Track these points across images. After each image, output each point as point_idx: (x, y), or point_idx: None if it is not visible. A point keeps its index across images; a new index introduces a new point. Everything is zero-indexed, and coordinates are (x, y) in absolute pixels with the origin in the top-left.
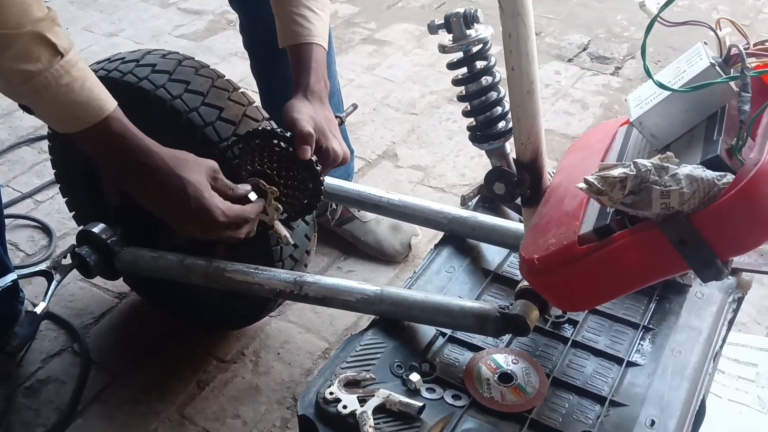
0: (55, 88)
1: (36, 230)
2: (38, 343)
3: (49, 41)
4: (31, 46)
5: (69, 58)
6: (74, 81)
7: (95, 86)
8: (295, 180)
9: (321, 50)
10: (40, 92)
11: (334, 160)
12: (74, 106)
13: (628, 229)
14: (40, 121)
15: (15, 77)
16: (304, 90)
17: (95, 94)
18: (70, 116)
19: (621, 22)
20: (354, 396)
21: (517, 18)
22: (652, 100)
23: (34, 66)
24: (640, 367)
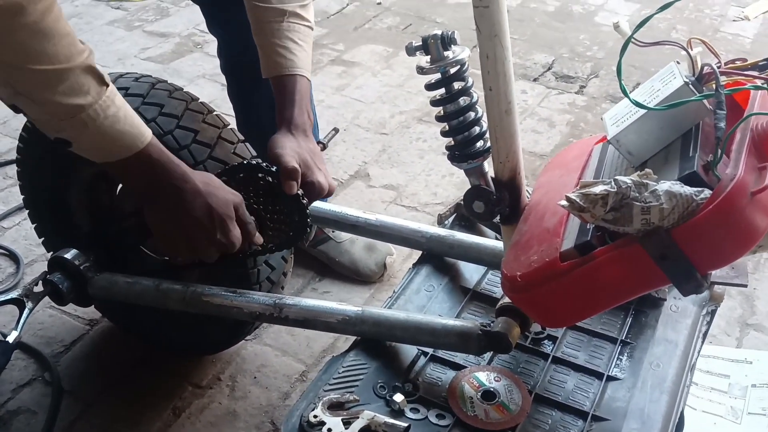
0: (102, 120)
1: (2, 257)
2: (8, 373)
3: (97, 72)
4: (82, 79)
5: (111, 88)
6: (118, 110)
7: (133, 114)
8: (281, 213)
9: (304, 81)
10: (88, 124)
11: (319, 192)
12: (119, 136)
13: (609, 245)
14: (5, 146)
15: (63, 112)
16: (288, 124)
17: (136, 122)
18: (114, 146)
19: (584, 42)
20: (338, 419)
21: (494, 39)
22: (628, 118)
23: (84, 99)
24: (619, 381)
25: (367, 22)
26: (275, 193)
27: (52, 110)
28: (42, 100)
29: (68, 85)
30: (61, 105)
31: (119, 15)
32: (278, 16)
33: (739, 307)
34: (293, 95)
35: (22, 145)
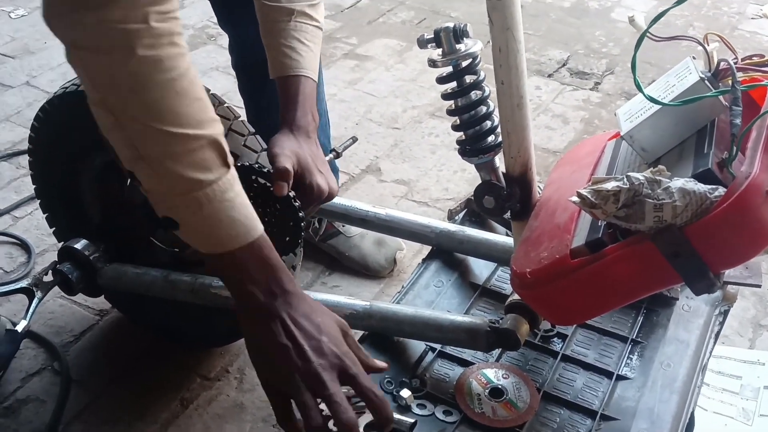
0: (217, 203)
1: (14, 247)
2: (17, 362)
3: (223, 150)
4: (207, 153)
5: (232, 171)
6: (236, 197)
7: (248, 204)
8: (273, 216)
9: (310, 83)
10: (203, 205)
11: (318, 196)
12: (231, 223)
13: (620, 243)
14: (18, 136)
15: (182, 186)
16: (290, 125)
17: (250, 212)
18: (224, 234)
19: (599, 38)
20: None
21: (506, 32)
22: (642, 114)
23: (205, 175)
24: (629, 380)
25: (381, 16)
26: (269, 196)
27: (171, 182)
28: (164, 167)
29: (194, 155)
30: (181, 177)
31: None
32: (286, 15)
33: (753, 308)
34: (296, 96)
35: (33, 135)
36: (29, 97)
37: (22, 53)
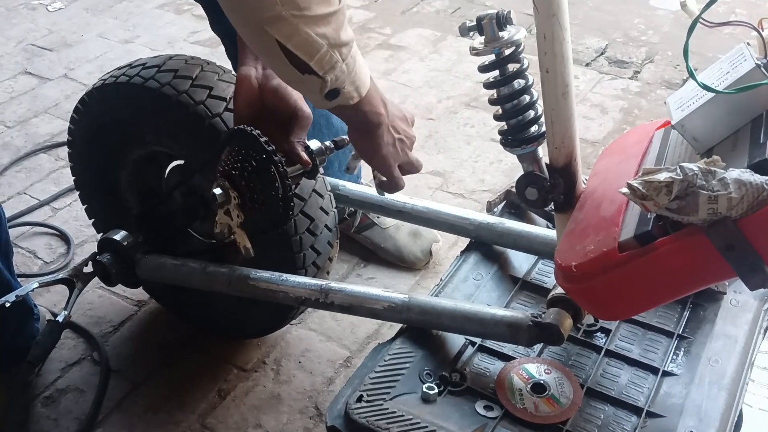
0: (356, 51)
1: (54, 238)
2: (57, 352)
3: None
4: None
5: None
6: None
7: None
8: (261, 193)
9: None
10: (355, 58)
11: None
12: (363, 64)
13: (671, 235)
14: (56, 128)
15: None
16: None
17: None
18: (365, 74)
19: (638, 26)
20: None
21: (552, 19)
22: (694, 102)
23: (351, 33)
24: (676, 376)
25: (415, 5)
26: (259, 173)
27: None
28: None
29: (345, 21)
30: (345, 44)
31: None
32: None
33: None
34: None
35: (73, 126)
36: (67, 90)
37: (60, 46)
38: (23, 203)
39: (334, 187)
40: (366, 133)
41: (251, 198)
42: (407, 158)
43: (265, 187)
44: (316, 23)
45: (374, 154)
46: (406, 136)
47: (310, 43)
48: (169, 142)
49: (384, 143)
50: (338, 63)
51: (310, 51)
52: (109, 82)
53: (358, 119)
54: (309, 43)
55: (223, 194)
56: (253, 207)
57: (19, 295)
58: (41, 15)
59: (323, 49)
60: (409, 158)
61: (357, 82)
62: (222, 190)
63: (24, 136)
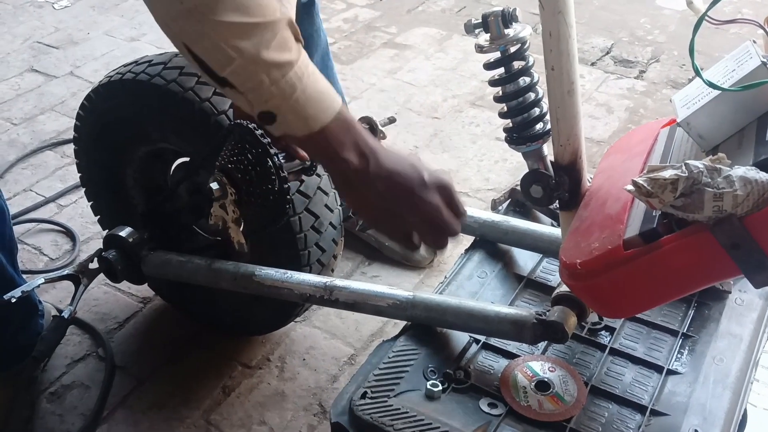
0: (306, 78)
1: (59, 234)
2: (62, 348)
3: (294, 26)
4: (286, 33)
5: (302, 44)
6: (314, 68)
7: (321, 74)
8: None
9: None
10: (296, 85)
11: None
12: (320, 96)
13: (676, 233)
14: (62, 126)
15: (276, 71)
16: None
17: (326, 82)
18: (319, 109)
19: (644, 25)
20: None
21: (558, 16)
22: (700, 100)
23: (290, 55)
24: (680, 375)
25: (421, 4)
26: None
27: (266, 71)
28: (259, 58)
29: (278, 39)
30: (274, 63)
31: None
32: None
33: None
34: None
35: (79, 123)
36: (73, 87)
37: (66, 44)
38: (29, 200)
39: None
40: (335, 176)
41: (247, 192)
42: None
43: (262, 181)
44: (228, 32)
45: (356, 207)
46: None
47: (218, 52)
48: (174, 139)
49: (366, 199)
50: (263, 84)
51: (219, 61)
52: (115, 79)
53: (317, 156)
54: (217, 51)
55: (220, 189)
56: (250, 201)
57: (24, 290)
58: (48, 13)
59: (237, 63)
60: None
61: (304, 113)
62: (219, 185)
63: (30, 133)
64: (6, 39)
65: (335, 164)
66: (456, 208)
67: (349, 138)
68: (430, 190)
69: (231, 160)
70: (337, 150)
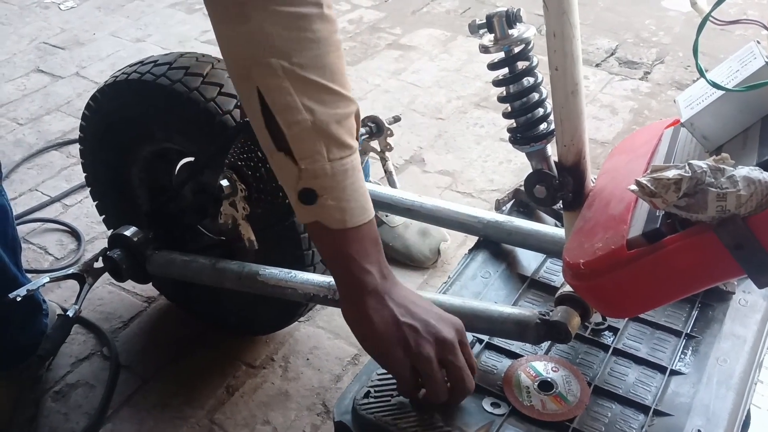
0: (357, 171)
1: (65, 234)
2: (67, 347)
3: (359, 119)
4: (353, 121)
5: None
6: (360, 169)
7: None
8: (268, 184)
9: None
10: (349, 172)
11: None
12: (363, 194)
13: (680, 233)
14: (68, 126)
15: (337, 151)
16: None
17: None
18: (357, 206)
19: (649, 27)
20: None
21: (562, 17)
22: (703, 100)
23: (353, 141)
24: (683, 375)
25: (425, 5)
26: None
27: (329, 144)
28: (328, 129)
29: (350, 120)
30: (339, 141)
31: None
32: None
33: None
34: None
35: (84, 123)
36: (79, 88)
37: (72, 44)
38: (35, 200)
39: None
40: (345, 287)
41: (257, 189)
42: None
43: (271, 178)
44: (307, 90)
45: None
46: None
47: (291, 108)
48: (179, 139)
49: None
50: (321, 157)
51: (288, 117)
52: (121, 79)
53: (337, 260)
54: (290, 107)
55: (230, 186)
56: (260, 198)
57: (29, 289)
58: (54, 13)
59: (305, 125)
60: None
61: (344, 204)
62: (229, 182)
63: (36, 133)
64: (12, 39)
65: (354, 273)
66: (472, 365)
67: (374, 251)
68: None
69: (241, 157)
70: (362, 258)
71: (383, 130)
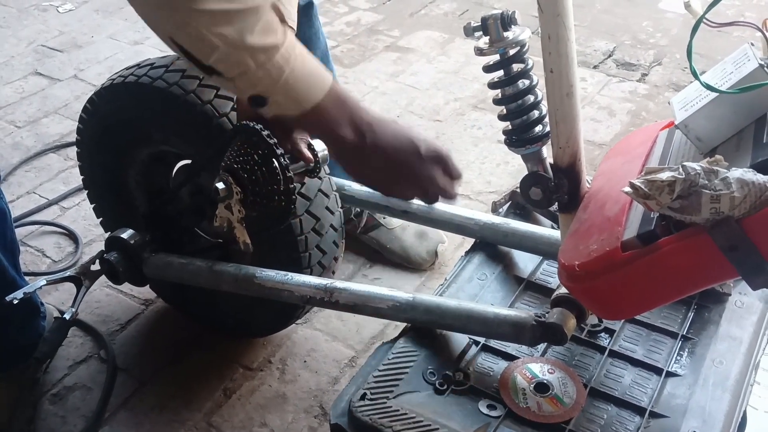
0: (293, 60)
1: (62, 237)
2: (64, 350)
3: (279, 9)
4: (270, 16)
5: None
6: (302, 49)
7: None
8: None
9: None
10: (284, 67)
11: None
12: (309, 76)
13: (674, 235)
14: (66, 128)
15: (262, 55)
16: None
17: (316, 62)
18: (307, 88)
19: (646, 29)
20: None
21: (557, 19)
22: (698, 102)
23: (275, 38)
24: (679, 377)
25: (423, 8)
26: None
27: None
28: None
29: (262, 23)
30: (259, 48)
31: None
32: None
33: None
34: None
35: (81, 126)
36: (77, 90)
37: (70, 47)
38: (32, 202)
39: (340, 187)
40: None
41: (253, 192)
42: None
43: (268, 181)
44: (210, 20)
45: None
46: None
47: (202, 41)
48: (176, 142)
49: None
50: (249, 68)
51: (202, 50)
52: (118, 81)
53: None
54: (201, 40)
55: (226, 189)
56: (255, 202)
57: (26, 292)
58: (52, 16)
59: (222, 50)
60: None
61: (294, 94)
62: (225, 184)
63: (34, 136)
64: (11, 42)
65: (331, 141)
66: (452, 173)
67: (343, 114)
68: (426, 162)
69: (237, 160)
70: (332, 127)
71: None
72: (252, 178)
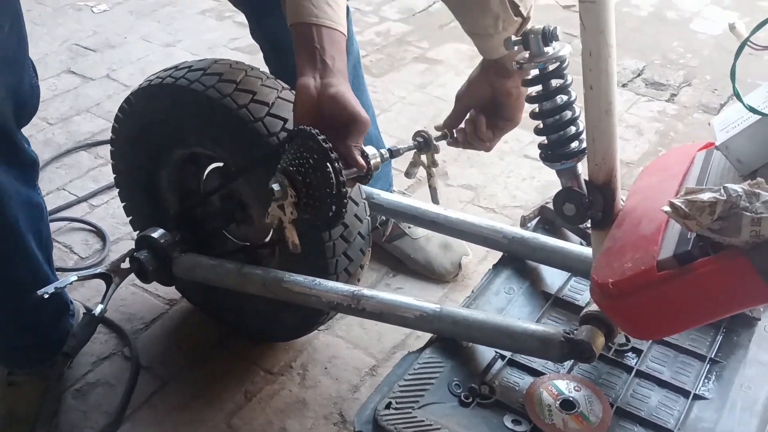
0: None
1: (90, 234)
2: (89, 346)
3: None
4: None
5: None
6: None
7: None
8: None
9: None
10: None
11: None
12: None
13: (712, 257)
14: (97, 127)
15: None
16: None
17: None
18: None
19: (677, 49)
20: None
21: (599, 36)
22: (739, 124)
23: None
24: (707, 400)
25: (453, 20)
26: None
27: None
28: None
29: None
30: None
31: (211, 5)
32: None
33: None
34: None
35: (117, 125)
36: (109, 90)
37: (104, 47)
38: (62, 199)
39: (368, 195)
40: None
41: (306, 194)
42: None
43: (321, 184)
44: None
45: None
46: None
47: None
48: (210, 144)
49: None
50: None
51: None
52: (155, 82)
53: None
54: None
55: (281, 190)
56: (308, 204)
57: (57, 287)
58: (86, 16)
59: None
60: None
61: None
62: (280, 186)
63: (65, 133)
64: (45, 40)
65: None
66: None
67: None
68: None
69: (293, 163)
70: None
71: (431, 146)
72: (306, 182)
